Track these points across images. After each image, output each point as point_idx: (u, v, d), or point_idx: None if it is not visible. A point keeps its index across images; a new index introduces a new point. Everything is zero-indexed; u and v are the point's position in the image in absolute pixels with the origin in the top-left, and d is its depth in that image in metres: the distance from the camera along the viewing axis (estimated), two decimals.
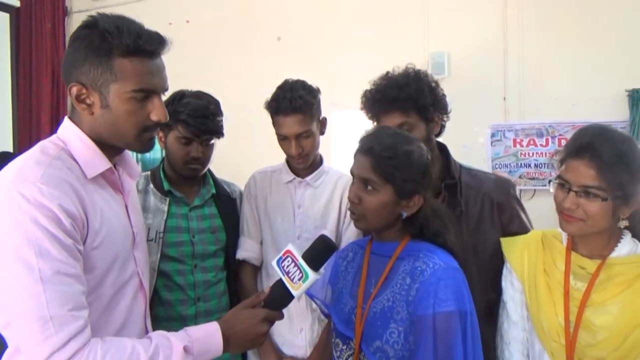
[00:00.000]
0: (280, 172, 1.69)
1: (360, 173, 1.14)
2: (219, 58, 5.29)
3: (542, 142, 4.60)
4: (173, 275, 1.49)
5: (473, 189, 1.41)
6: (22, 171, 0.91)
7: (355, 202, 1.14)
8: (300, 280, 1.04)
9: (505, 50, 4.56)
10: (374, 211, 1.13)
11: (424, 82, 1.38)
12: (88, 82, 0.98)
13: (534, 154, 4.64)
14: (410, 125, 1.35)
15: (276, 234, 1.62)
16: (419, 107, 1.35)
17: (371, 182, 1.12)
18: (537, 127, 4.59)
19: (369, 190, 1.13)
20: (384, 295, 1.14)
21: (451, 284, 1.06)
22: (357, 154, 1.17)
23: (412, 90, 1.34)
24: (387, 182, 1.11)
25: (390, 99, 1.34)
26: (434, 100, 1.38)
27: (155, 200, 1.54)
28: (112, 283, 1.01)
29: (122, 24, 0.97)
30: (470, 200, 1.40)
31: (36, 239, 0.86)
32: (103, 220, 0.99)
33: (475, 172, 1.49)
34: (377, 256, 1.20)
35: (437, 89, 1.41)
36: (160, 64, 1.04)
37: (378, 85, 1.39)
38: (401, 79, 1.37)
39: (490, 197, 1.41)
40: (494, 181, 1.47)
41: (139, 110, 1.01)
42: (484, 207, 1.40)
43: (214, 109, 1.55)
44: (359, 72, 4.82)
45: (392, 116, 1.35)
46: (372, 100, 1.40)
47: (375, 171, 1.11)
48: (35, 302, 0.84)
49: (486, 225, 1.39)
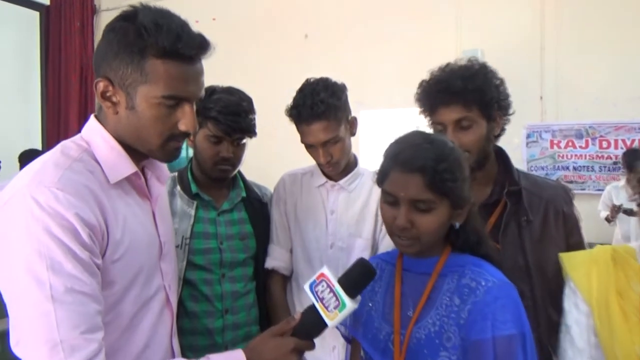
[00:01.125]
0: (311, 174, 1.58)
1: (411, 195, 0.98)
2: (246, 56, 5.25)
3: (581, 143, 4.42)
4: (199, 285, 1.41)
5: (535, 196, 1.28)
6: (39, 174, 0.84)
7: (407, 227, 1.00)
8: (336, 308, 0.93)
9: (542, 47, 4.39)
10: (432, 232, 1.00)
11: (490, 76, 1.26)
12: (116, 80, 0.89)
13: (572, 156, 4.47)
14: (470, 121, 1.23)
15: (307, 242, 1.51)
16: (484, 103, 1.23)
17: (426, 202, 0.98)
18: (576, 127, 4.43)
19: (422, 211, 0.99)
20: (427, 318, 1.01)
21: (508, 304, 0.95)
22: (397, 173, 0.99)
23: (479, 82, 1.22)
24: (445, 197, 0.99)
25: (454, 90, 1.22)
26: (498, 98, 1.26)
27: (182, 204, 1.45)
28: (135, 299, 0.93)
29: (163, 21, 0.88)
30: (534, 209, 1.27)
31: (48, 251, 0.78)
32: (126, 230, 0.91)
33: (533, 178, 1.36)
34: (412, 273, 1.08)
35: (502, 86, 1.29)
36: (198, 70, 0.94)
37: (439, 75, 1.27)
38: (466, 70, 1.25)
39: (555, 205, 1.28)
40: (554, 187, 1.34)
41: (167, 117, 0.92)
42: (547, 216, 1.27)
43: (246, 105, 1.45)
44: (387, 71, 4.77)
45: (451, 109, 1.23)
46: (430, 90, 1.27)
47: (431, 188, 0.97)
48: (44, 322, 0.76)
49: (551, 236, 1.26)
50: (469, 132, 1.23)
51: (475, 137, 1.22)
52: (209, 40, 0.93)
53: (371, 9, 4.88)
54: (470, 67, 1.26)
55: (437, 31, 4.58)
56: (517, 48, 4.31)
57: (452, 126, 1.24)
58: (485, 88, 1.22)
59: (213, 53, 0.94)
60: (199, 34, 0.92)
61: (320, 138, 1.39)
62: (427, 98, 1.28)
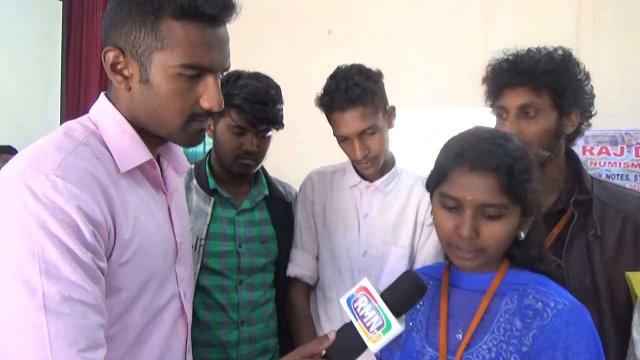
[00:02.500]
0: (343, 172, 1.43)
1: (482, 199, 0.84)
2: (268, 51, 5.13)
3: (616, 150, 4.24)
4: (213, 292, 1.27)
5: (611, 208, 1.13)
6: (36, 158, 0.71)
7: (472, 237, 0.86)
8: (379, 329, 0.80)
9: (578, 49, 4.15)
10: (499, 244, 0.87)
11: (572, 64, 1.13)
12: (127, 47, 0.77)
13: (606, 164, 4.27)
14: (537, 109, 1.10)
15: (336, 249, 1.36)
16: (556, 89, 1.09)
17: (498, 207, 0.85)
18: (610, 134, 4.24)
19: (490, 218, 0.85)
20: (481, 343, 0.88)
21: (583, 331, 0.82)
22: (463, 173, 0.86)
23: (553, 65, 1.09)
24: (517, 202, 0.86)
25: (523, 69, 1.10)
26: (577, 89, 1.12)
27: (198, 200, 1.32)
28: (145, 309, 0.80)
29: None
30: (607, 223, 1.12)
31: (43, 252, 0.65)
32: (137, 228, 0.78)
33: (612, 188, 1.21)
34: (461, 290, 0.95)
35: (585, 81, 1.15)
36: (223, 35, 0.81)
37: (513, 54, 1.15)
38: (544, 52, 1.13)
39: (634, 221, 1.12)
40: (638, 200, 1.17)
41: (187, 92, 0.79)
42: (625, 232, 1.12)
43: (274, 94, 1.31)
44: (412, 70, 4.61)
45: (518, 92, 1.10)
46: (499, 69, 1.15)
47: (506, 191, 0.84)
48: (34, 337, 0.63)
49: (627, 256, 1.11)
50: (534, 122, 1.09)
51: (540, 128, 1.09)
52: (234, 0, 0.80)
53: (398, 6, 4.75)
54: (551, 50, 1.13)
55: (466, 30, 4.44)
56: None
57: (516, 112, 1.10)
58: (560, 73, 1.09)
59: (239, 16, 0.81)
60: None
61: (357, 127, 1.24)
62: (494, 77, 1.15)
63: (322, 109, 1.30)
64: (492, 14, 4.40)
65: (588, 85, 1.16)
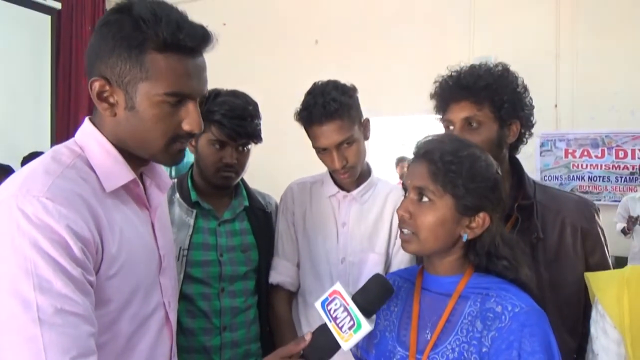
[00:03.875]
0: (321, 183, 1.48)
1: (414, 181, 0.96)
2: (255, 61, 5.21)
3: (597, 153, 4.32)
4: (197, 300, 1.33)
5: (551, 211, 1.20)
6: (27, 182, 0.76)
7: (405, 217, 0.96)
8: (350, 329, 0.87)
9: (558, 54, 4.30)
10: (429, 229, 0.94)
11: (509, 79, 1.19)
12: (113, 78, 0.83)
13: (587, 166, 4.37)
14: (479, 122, 1.17)
15: (316, 256, 1.42)
16: (495, 102, 1.16)
17: (427, 191, 0.95)
18: (591, 136, 4.33)
19: (423, 203, 0.95)
20: (446, 343, 0.93)
21: (538, 332, 0.87)
22: (411, 163, 1.01)
23: (491, 79, 1.16)
24: (446, 192, 0.94)
25: (464, 84, 1.17)
26: (515, 102, 1.18)
27: (181, 212, 1.38)
28: (132, 318, 0.85)
29: (161, 11, 0.82)
30: (548, 225, 1.19)
31: (36, 269, 0.70)
32: (122, 243, 0.84)
33: (552, 191, 1.28)
34: (431, 293, 1.01)
35: (523, 94, 1.21)
36: (201, 64, 0.88)
37: (454, 71, 1.22)
38: (484, 68, 1.20)
39: (573, 222, 1.20)
40: (575, 202, 1.25)
41: (170, 116, 0.85)
42: (564, 234, 1.19)
43: (252, 110, 1.38)
44: (398, 77, 4.69)
45: (461, 105, 1.18)
46: (444, 85, 1.23)
47: (433, 178, 0.94)
48: (30, 348, 0.69)
49: (567, 255, 1.18)
50: (477, 133, 1.16)
51: (481, 138, 1.15)
52: (211, 32, 0.87)
53: (382, 14, 4.83)
54: (489, 66, 1.21)
55: (449, 37, 4.52)
56: (531, 55, 4.22)
57: (460, 124, 1.17)
58: (499, 87, 1.16)
59: (215, 46, 0.88)
60: (200, 25, 0.86)
61: (334, 139, 1.30)
62: (440, 93, 1.23)
63: (301, 123, 1.36)
64: (475, 22, 4.49)
65: (527, 97, 1.22)
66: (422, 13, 4.66)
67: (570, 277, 1.16)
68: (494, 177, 0.97)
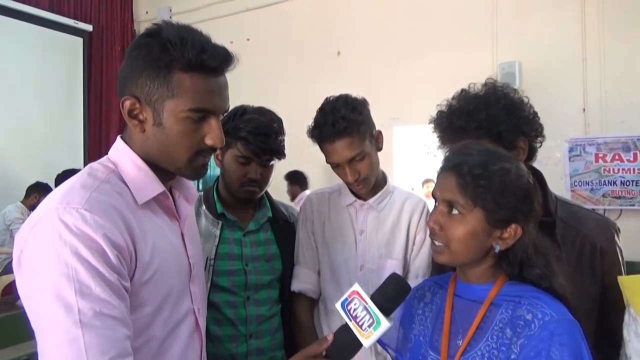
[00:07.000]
0: (339, 193, 1.53)
1: (443, 194, 0.97)
2: (279, 75, 5.30)
3: (629, 156, 4.21)
4: (223, 308, 1.37)
5: (572, 229, 1.19)
6: (66, 196, 0.83)
7: (436, 229, 0.97)
8: (370, 327, 0.89)
9: (584, 58, 4.22)
10: (460, 241, 0.95)
11: (499, 105, 1.18)
12: (142, 96, 0.89)
13: (619, 170, 4.26)
14: None
15: (335, 264, 1.46)
16: (493, 135, 1.16)
17: (457, 205, 0.94)
18: (622, 140, 4.23)
19: (453, 216, 0.95)
20: (476, 349, 0.94)
21: (567, 342, 0.86)
22: (440, 173, 1.00)
23: (481, 117, 1.16)
24: (476, 206, 0.94)
25: (458, 127, 1.18)
26: (515, 124, 1.17)
27: (207, 224, 1.43)
28: (164, 323, 0.90)
29: (187, 34, 0.88)
30: (568, 243, 1.18)
31: (77, 275, 0.76)
32: (155, 251, 0.89)
33: (574, 209, 1.27)
34: (464, 300, 1.01)
35: (520, 110, 1.20)
36: (223, 83, 0.94)
37: (449, 108, 1.22)
38: (472, 103, 1.19)
39: (592, 240, 1.19)
40: (597, 221, 1.24)
41: (194, 131, 0.91)
42: (583, 252, 1.18)
43: (277, 127, 1.43)
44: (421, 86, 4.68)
45: (463, 142, 1.17)
46: (440, 126, 1.24)
47: (462, 192, 0.94)
48: (72, 349, 0.74)
49: (585, 273, 1.17)
50: None
51: None
52: (232, 53, 0.93)
53: (404, 23, 4.84)
54: (476, 98, 1.19)
55: (473, 44, 4.49)
56: (557, 59, 4.17)
57: None
58: (490, 122, 1.15)
59: (236, 66, 0.94)
60: (222, 46, 0.92)
61: (346, 155, 1.34)
62: (440, 133, 1.25)
63: (313, 140, 1.40)
64: (498, 28, 4.46)
65: (525, 110, 1.20)
66: (444, 20, 4.64)
67: (586, 295, 1.14)
68: (526, 188, 0.96)
